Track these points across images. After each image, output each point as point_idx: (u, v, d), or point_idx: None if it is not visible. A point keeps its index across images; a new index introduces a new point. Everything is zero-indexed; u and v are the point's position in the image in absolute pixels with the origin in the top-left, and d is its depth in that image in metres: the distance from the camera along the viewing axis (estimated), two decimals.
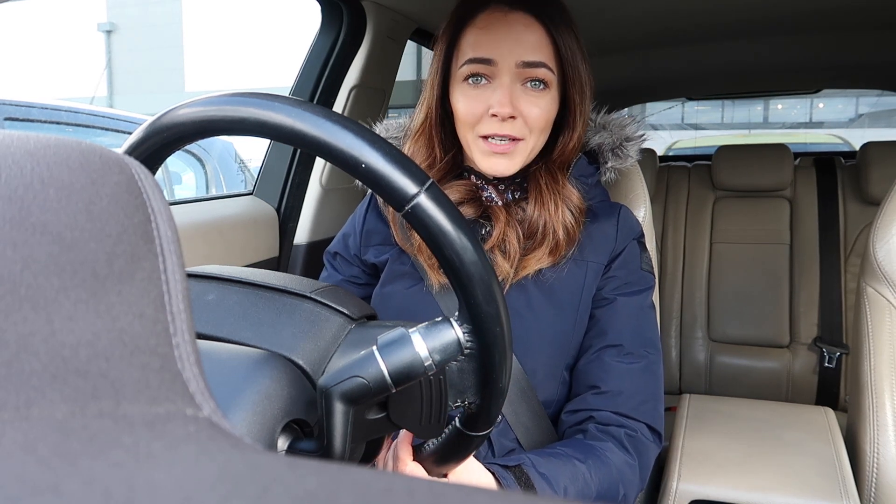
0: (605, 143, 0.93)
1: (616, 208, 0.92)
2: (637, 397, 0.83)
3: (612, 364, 0.84)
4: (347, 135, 0.43)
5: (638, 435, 0.81)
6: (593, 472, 0.76)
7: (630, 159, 0.94)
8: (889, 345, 1.06)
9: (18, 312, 0.20)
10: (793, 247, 2.10)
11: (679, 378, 2.12)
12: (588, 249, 0.87)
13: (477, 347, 0.49)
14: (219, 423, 0.22)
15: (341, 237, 1.00)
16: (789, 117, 12.36)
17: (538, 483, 0.71)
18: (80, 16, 17.16)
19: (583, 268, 0.87)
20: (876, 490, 1.05)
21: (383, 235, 0.94)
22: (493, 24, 0.82)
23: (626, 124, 0.95)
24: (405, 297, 0.88)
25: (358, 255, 0.96)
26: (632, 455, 0.80)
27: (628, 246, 0.90)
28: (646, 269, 0.90)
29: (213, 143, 2.82)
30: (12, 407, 0.19)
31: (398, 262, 0.91)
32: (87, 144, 0.25)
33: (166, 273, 0.24)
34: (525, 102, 0.82)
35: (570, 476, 0.74)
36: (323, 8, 1.41)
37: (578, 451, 0.78)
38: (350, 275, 0.97)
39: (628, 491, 0.79)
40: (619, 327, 0.85)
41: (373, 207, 0.98)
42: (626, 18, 1.61)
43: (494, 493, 0.18)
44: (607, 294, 0.87)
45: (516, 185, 0.90)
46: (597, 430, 0.81)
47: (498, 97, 0.80)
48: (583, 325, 0.87)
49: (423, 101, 0.90)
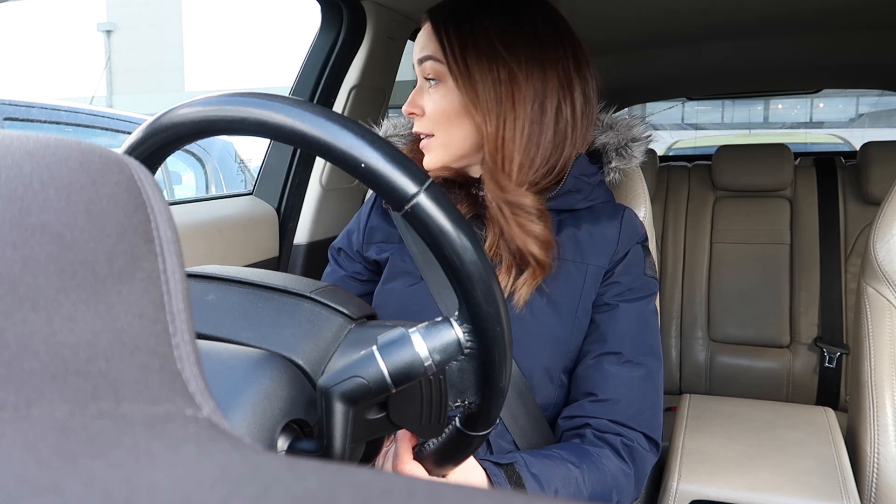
0: (609, 142, 0.92)
1: (620, 210, 0.90)
2: (635, 406, 0.81)
3: (610, 371, 0.82)
4: (347, 135, 0.43)
5: (634, 444, 0.80)
6: (587, 476, 0.75)
7: (634, 160, 0.92)
8: (889, 345, 1.06)
9: (18, 312, 0.20)
10: (793, 247, 2.10)
11: (679, 378, 2.12)
12: (588, 251, 0.86)
13: (477, 347, 0.49)
14: (219, 423, 0.22)
15: (346, 233, 1.01)
16: (789, 117, 12.36)
17: (529, 483, 0.71)
18: (80, 16, 17.15)
19: (582, 270, 0.85)
20: (876, 490, 1.05)
21: (386, 233, 0.95)
22: None
23: (634, 125, 0.93)
24: (406, 294, 0.88)
25: (360, 251, 0.97)
26: (628, 463, 0.79)
27: (631, 250, 0.87)
28: (649, 275, 0.88)
29: (213, 143, 2.82)
30: (12, 407, 0.19)
31: (399, 260, 0.91)
32: (86, 144, 0.25)
33: (166, 273, 0.24)
34: (425, 98, 0.85)
35: (563, 479, 0.73)
36: (323, 8, 1.41)
37: (574, 454, 0.77)
38: (353, 271, 0.97)
39: (622, 498, 0.78)
40: (619, 334, 0.84)
41: (377, 205, 0.99)
42: (626, 18, 1.61)
43: (494, 494, 0.18)
44: (609, 300, 0.85)
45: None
46: (593, 437, 0.80)
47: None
48: (582, 329, 0.85)
49: None
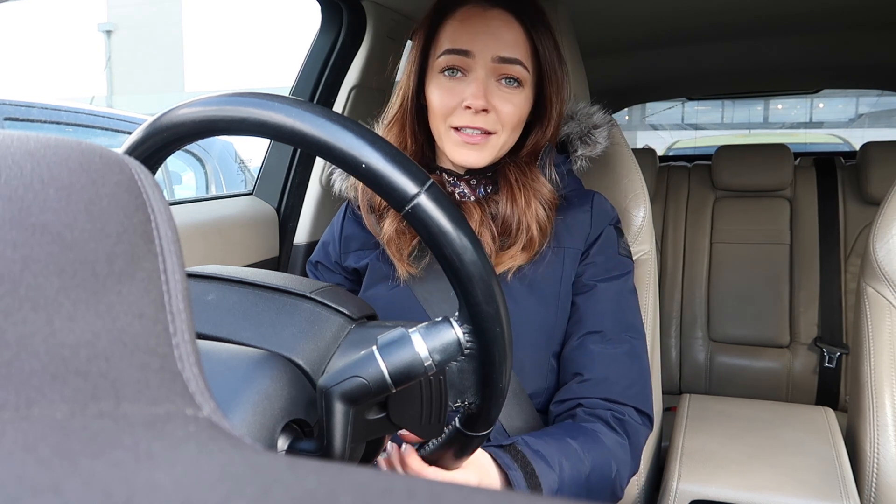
0: (573, 132, 0.95)
1: (589, 195, 0.93)
2: (622, 382, 0.84)
3: (595, 351, 0.84)
4: (348, 135, 0.43)
5: (626, 418, 0.82)
6: (585, 448, 0.77)
7: (599, 146, 0.95)
8: (889, 345, 1.06)
9: (18, 312, 0.20)
10: (793, 247, 2.10)
11: (679, 378, 2.12)
12: (564, 236, 0.89)
13: (477, 347, 0.49)
14: (219, 423, 0.22)
15: (321, 246, 1.01)
16: (789, 117, 12.36)
17: (534, 460, 0.72)
18: (81, 16, 17.15)
19: (560, 255, 0.88)
20: (876, 490, 1.05)
21: (362, 240, 0.95)
22: (471, 18, 0.84)
23: (593, 112, 0.96)
24: (388, 298, 0.89)
25: (339, 262, 0.97)
26: (621, 435, 0.81)
27: (604, 231, 0.90)
28: (623, 254, 0.91)
29: (213, 143, 2.82)
30: (12, 407, 0.19)
31: (378, 265, 0.92)
32: (87, 144, 0.25)
33: (166, 273, 0.24)
34: (499, 98, 0.83)
35: (564, 452, 0.75)
36: (323, 8, 1.41)
37: (569, 430, 0.79)
38: (333, 283, 0.97)
39: (621, 468, 0.80)
40: (599, 313, 0.86)
41: (350, 214, 0.99)
42: (626, 18, 1.61)
43: (494, 494, 0.18)
44: (587, 280, 0.88)
45: (487, 180, 0.90)
46: (585, 414, 0.82)
47: (472, 90, 0.82)
48: (565, 312, 0.87)
49: (399, 91, 0.91)
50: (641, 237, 1.07)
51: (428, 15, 0.88)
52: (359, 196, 0.94)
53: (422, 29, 0.88)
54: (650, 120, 10.78)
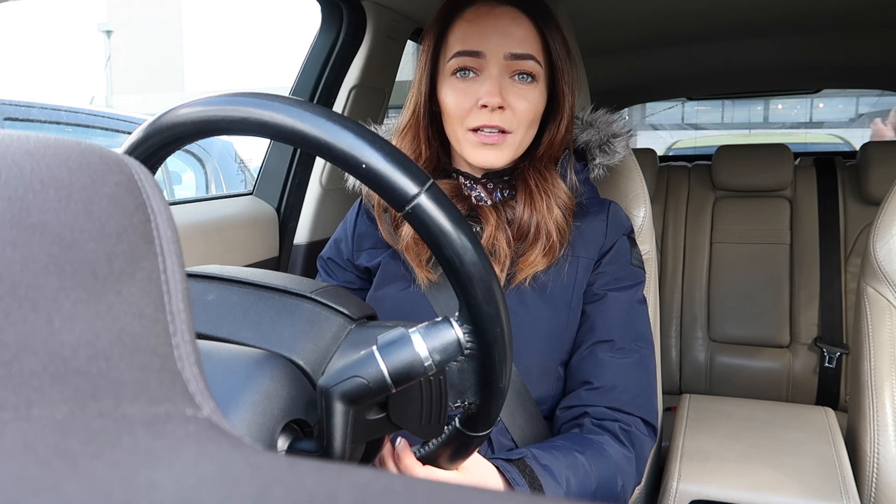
0: (592, 140, 0.94)
1: (605, 204, 0.92)
2: (630, 392, 0.83)
3: (604, 359, 0.84)
4: (348, 135, 0.43)
5: (633, 429, 0.82)
6: (592, 463, 0.76)
7: (617, 155, 0.94)
8: (889, 345, 1.06)
9: (18, 312, 0.20)
10: (793, 247, 2.10)
11: (679, 378, 2.12)
12: (579, 245, 0.88)
13: (477, 348, 0.49)
14: (219, 423, 0.22)
15: (333, 242, 1.00)
16: (789, 117, 12.36)
17: (542, 475, 0.72)
18: (81, 16, 17.15)
19: (574, 264, 0.87)
20: (876, 490, 1.05)
21: (375, 239, 0.94)
22: (480, 18, 0.83)
23: (613, 121, 0.96)
24: (399, 298, 0.88)
25: (351, 259, 0.96)
26: (628, 448, 0.81)
27: (618, 241, 0.90)
28: (636, 265, 0.91)
29: (213, 143, 2.82)
30: (12, 407, 0.19)
31: (391, 265, 0.91)
32: (86, 144, 0.25)
33: (166, 273, 0.24)
34: (513, 95, 0.82)
35: (572, 467, 0.75)
36: (323, 8, 1.41)
37: (577, 443, 0.78)
38: (344, 280, 0.97)
39: (626, 482, 0.80)
40: (610, 323, 0.86)
41: (363, 211, 0.98)
42: (626, 18, 1.61)
43: (494, 494, 0.18)
44: (598, 290, 0.88)
45: (505, 184, 0.90)
46: (592, 425, 0.82)
47: (487, 88, 0.81)
48: (575, 321, 0.87)
49: (411, 98, 0.90)
50: (642, 237, 1.07)
51: (435, 18, 0.87)
52: (372, 197, 0.93)
53: (430, 33, 0.87)
54: (650, 120, 10.79)
